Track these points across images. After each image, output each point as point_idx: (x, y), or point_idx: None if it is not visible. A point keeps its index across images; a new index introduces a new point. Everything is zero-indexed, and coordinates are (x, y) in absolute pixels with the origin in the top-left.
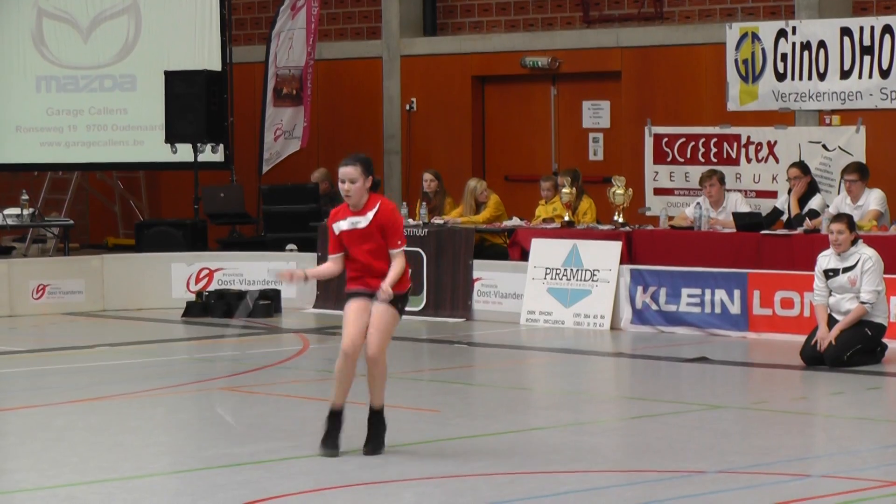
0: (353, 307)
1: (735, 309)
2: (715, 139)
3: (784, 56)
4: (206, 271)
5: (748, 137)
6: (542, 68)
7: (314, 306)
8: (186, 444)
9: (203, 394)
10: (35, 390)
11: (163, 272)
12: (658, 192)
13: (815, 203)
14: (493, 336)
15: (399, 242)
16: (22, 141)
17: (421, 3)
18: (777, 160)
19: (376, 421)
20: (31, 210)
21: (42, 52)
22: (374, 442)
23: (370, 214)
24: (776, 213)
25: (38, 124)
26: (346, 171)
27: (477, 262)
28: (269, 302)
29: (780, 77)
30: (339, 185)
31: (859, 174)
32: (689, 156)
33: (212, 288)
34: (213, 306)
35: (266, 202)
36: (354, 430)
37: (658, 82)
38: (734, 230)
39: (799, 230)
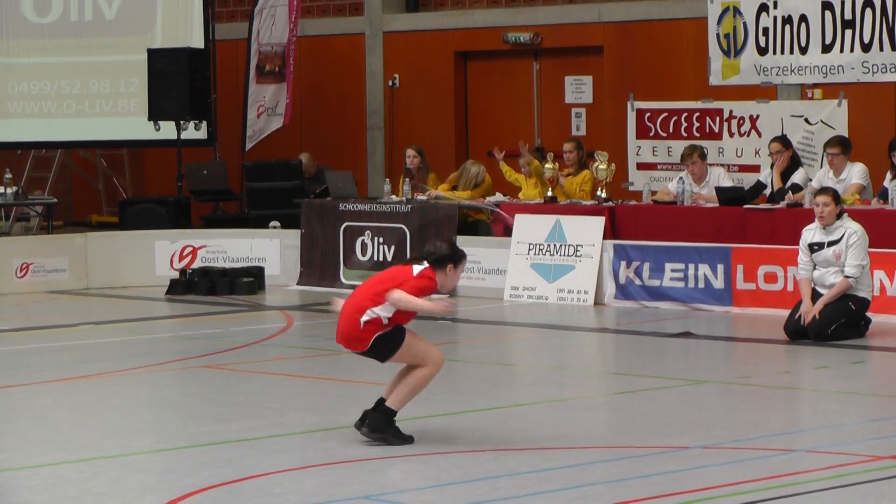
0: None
1: (718, 283)
2: (697, 113)
3: (766, 30)
4: (189, 248)
5: (730, 111)
6: (524, 44)
7: (298, 283)
8: (171, 422)
9: (187, 371)
10: (19, 369)
11: (146, 250)
12: (641, 166)
13: (797, 177)
14: (476, 312)
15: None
16: (4, 119)
17: None
18: (759, 134)
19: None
20: (15, 188)
21: (24, 30)
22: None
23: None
24: (759, 187)
25: (20, 102)
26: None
27: (460, 238)
28: (252, 279)
29: (762, 51)
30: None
31: (841, 147)
32: (671, 130)
33: (195, 265)
34: (196, 284)
35: (249, 179)
36: (337, 405)
37: (640, 57)
38: (717, 205)
39: (782, 204)
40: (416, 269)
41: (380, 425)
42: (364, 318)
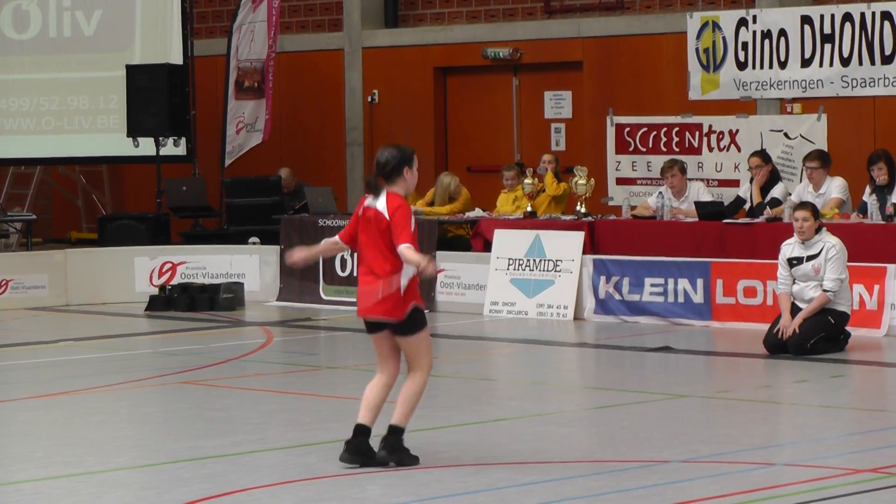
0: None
1: (698, 298)
2: (677, 128)
3: (745, 45)
4: (169, 265)
5: (710, 126)
6: (503, 59)
7: (277, 299)
8: (151, 438)
9: (167, 387)
10: None
11: (126, 266)
12: (620, 181)
13: (777, 191)
14: (456, 327)
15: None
16: None
17: None
18: (739, 149)
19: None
20: None
21: (2, 46)
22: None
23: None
24: (738, 201)
25: None
26: None
27: (440, 254)
28: (232, 295)
29: (742, 66)
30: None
31: (820, 162)
32: (651, 145)
33: (175, 281)
34: (176, 300)
35: (228, 195)
36: (317, 421)
37: (620, 72)
38: (696, 219)
39: (761, 218)
40: (381, 206)
41: (397, 446)
42: (404, 281)
